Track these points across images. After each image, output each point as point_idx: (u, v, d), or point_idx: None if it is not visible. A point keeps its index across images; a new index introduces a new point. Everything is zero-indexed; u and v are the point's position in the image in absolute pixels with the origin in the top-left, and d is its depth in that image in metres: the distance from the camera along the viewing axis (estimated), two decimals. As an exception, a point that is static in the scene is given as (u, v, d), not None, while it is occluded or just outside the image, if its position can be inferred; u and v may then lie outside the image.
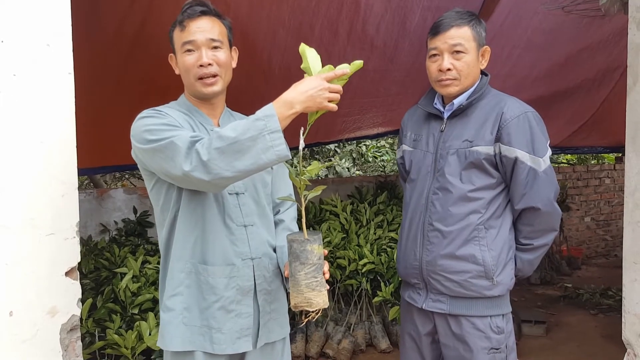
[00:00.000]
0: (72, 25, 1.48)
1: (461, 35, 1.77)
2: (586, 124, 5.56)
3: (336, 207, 4.36)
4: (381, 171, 8.31)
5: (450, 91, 1.83)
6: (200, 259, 1.55)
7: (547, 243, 1.86)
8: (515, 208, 1.82)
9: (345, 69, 1.39)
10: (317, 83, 1.35)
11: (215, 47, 1.55)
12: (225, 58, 1.58)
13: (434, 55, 1.82)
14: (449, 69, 1.79)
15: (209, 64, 1.54)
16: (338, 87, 1.38)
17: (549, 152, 1.83)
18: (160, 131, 1.43)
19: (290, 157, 1.40)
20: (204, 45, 1.54)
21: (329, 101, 1.38)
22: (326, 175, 7.55)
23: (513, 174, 1.78)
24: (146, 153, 1.46)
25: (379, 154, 8.65)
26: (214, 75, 1.56)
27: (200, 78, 1.55)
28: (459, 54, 1.78)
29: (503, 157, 1.77)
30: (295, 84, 1.38)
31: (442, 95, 1.90)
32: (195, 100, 1.64)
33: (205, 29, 1.54)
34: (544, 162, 1.78)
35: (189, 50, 1.54)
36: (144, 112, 1.52)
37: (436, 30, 1.81)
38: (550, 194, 1.80)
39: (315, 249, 1.40)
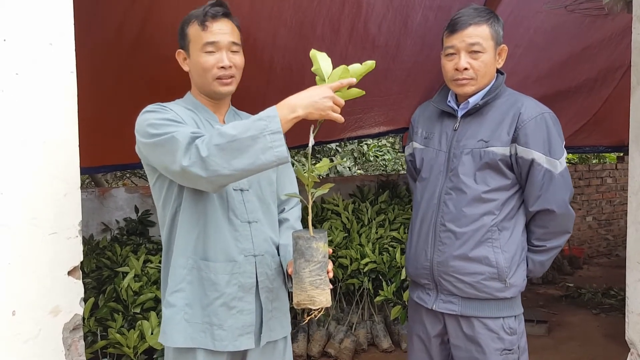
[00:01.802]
0: (74, 24, 1.48)
1: (479, 34, 1.72)
2: (588, 123, 5.56)
3: (338, 206, 4.36)
4: (382, 170, 8.32)
5: (466, 91, 1.79)
6: (202, 255, 1.56)
7: (560, 245, 1.83)
8: (529, 210, 1.79)
9: (352, 79, 1.38)
10: (322, 91, 1.36)
11: (235, 51, 1.59)
12: (241, 61, 1.61)
13: (451, 53, 1.77)
14: (465, 69, 1.74)
15: (230, 67, 1.57)
16: (342, 100, 1.38)
17: (565, 154, 1.80)
18: (163, 126, 1.45)
19: (289, 160, 1.40)
20: (225, 48, 1.56)
21: (335, 112, 1.37)
22: (327, 175, 7.55)
23: (529, 175, 1.75)
24: (147, 147, 1.48)
25: (380, 153, 8.65)
26: (231, 76, 1.59)
27: (219, 78, 1.58)
28: (477, 53, 1.73)
29: (519, 158, 1.74)
30: (301, 91, 1.39)
31: (456, 93, 1.87)
32: (204, 98, 1.65)
33: (226, 32, 1.56)
34: (560, 164, 1.75)
35: (210, 51, 1.55)
36: (149, 107, 1.54)
37: (453, 27, 1.75)
38: (566, 196, 1.78)
39: (321, 247, 1.40)
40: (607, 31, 3.85)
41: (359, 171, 8.22)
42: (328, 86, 1.37)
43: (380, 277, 3.65)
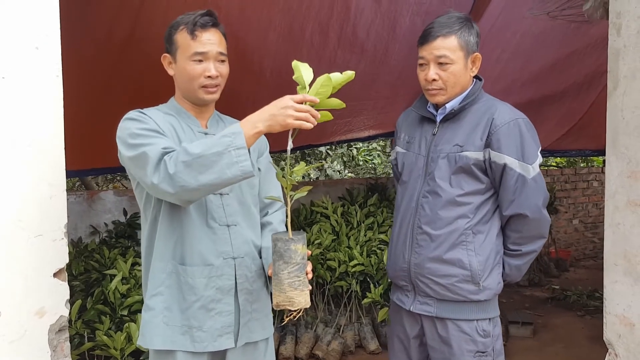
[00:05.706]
0: (62, 28, 1.49)
1: (447, 46, 1.76)
2: (575, 127, 5.62)
3: (327, 209, 4.38)
4: (372, 174, 8.34)
5: (437, 100, 1.84)
6: (179, 260, 1.59)
7: (535, 249, 1.86)
8: (503, 214, 1.82)
9: (315, 99, 1.40)
10: (282, 103, 1.39)
11: (222, 61, 1.62)
12: (227, 70, 1.65)
13: (422, 64, 1.82)
14: (434, 79, 1.79)
15: (217, 76, 1.60)
16: (307, 107, 1.39)
17: (539, 159, 1.82)
18: (141, 136, 1.48)
19: (254, 174, 1.43)
20: (213, 58, 1.59)
21: (299, 120, 1.37)
22: (317, 178, 7.56)
23: (502, 180, 1.78)
24: (124, 160, 1.52)
25: (369, 157, 8.68)
26: (216, 85, 1.62)
27: (204, 87, 1.60)
28: (445, 64, 1.77)
29: (492, 162, 1.77)
30: (265, 106, 1.42)
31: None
32: (187, 104, 1.67)
33: (215, 42, 1.59)
34: (533, 169, 1.77)
35: (198, 60, 1.58)
36: (129, 114, 1.56)
37: (424, 39, 1.80)
38: (539, 201, 1.79)
39: (299, 249, 1.42)
40: (593, 37, 3.90)
41: (349, 174, 8.24)
42: (290, 97, 1.39)
43: (368, 280, 3.68)
